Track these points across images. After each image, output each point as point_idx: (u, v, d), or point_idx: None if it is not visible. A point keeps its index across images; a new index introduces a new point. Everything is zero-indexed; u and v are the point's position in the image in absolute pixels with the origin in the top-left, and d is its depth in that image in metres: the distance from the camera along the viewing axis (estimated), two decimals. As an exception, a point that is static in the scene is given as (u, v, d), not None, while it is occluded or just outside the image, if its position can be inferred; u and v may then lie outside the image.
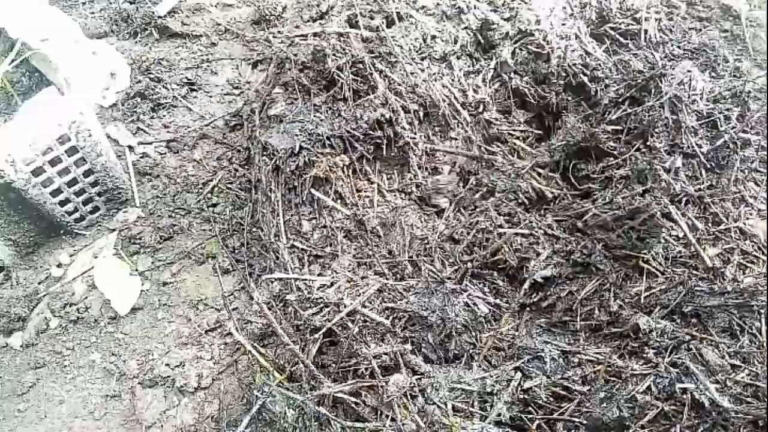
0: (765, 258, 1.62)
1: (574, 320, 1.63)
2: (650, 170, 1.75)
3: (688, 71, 1.96)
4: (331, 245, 1.88)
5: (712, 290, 1.52)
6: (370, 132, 1.97)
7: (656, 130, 1.85)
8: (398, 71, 2.03)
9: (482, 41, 2.14)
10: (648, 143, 1.85)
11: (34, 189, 1.79)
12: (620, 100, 2.01)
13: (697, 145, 1.80)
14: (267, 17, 2.74)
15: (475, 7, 2.18)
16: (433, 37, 2.06)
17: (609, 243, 1.67)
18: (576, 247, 1.68)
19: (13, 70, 1.98)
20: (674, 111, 1.87)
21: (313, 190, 1.90)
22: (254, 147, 2.11)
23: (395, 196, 2.02)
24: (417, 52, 2.06)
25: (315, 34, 2.09)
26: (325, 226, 1.90)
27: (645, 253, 1.61)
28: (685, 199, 1.72)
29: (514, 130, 2.10)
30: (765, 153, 1.83)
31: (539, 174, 1.96)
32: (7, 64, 1.91)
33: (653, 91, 1.95)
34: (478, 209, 1.93)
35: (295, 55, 2.01)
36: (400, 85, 2.01)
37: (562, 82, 2.11)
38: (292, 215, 1.94)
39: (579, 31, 2.19)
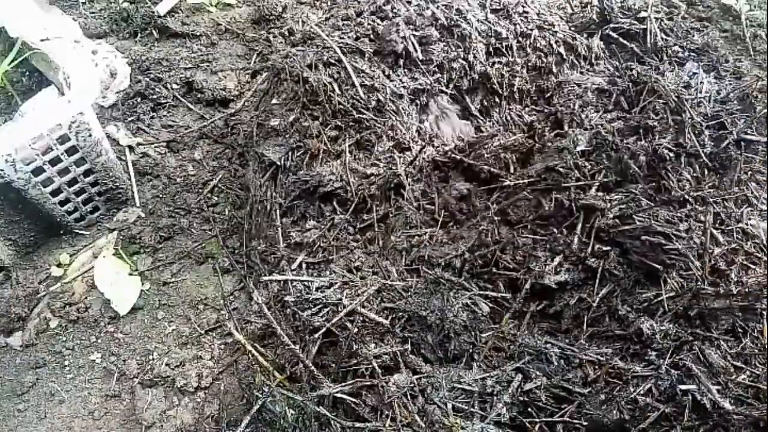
0: (766, 259, 1.61)
1: (580, 327, 1.60)
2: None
3: (694, 73, 1.95)
4: (329, 251, 1.88)
5: (717, 293, 1.51)
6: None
7: (658, 131, 1.84)
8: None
9: (486, 46, 2.13)
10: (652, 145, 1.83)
11: (34, 189, 1.79)
12: (624, 103, 2.00)
13: (700, 145, 1.79)
14: (267, 17, 2.73)
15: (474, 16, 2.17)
16: (435, 42, 2.05)
17: (631, 249, 1.62)
18: (588, 252, 1.64)
19: (13, 70, 1.98)
20: (677, 112, 1.86)
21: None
22: (250, 156, 2.11)
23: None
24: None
25: (313, 42, 2.07)
26: (324, 234, 1.89)
27: (665, 274, 1.58)
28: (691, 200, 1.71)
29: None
30: (765, 153, 1.82)
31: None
32: (7, 64, 1.91)
33: (653, 92, 1.94)
34: (483, 212, 1.91)
35: (292, 66, 1.99)
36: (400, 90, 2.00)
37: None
38: (289, 223, 1.94)
39: (578, 32, 2.19)
